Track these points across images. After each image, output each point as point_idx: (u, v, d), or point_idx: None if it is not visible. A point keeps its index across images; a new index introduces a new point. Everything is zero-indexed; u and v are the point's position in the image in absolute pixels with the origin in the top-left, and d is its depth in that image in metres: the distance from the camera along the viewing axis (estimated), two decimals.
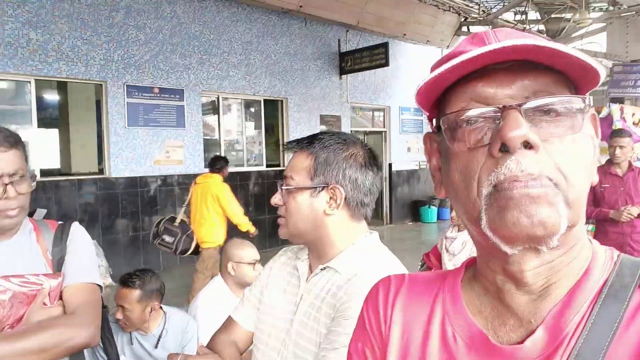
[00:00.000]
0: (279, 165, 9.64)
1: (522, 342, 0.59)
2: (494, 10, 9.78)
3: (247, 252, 2.84)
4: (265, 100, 9.36)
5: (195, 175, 8.07)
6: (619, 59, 8.81)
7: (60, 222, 1.59)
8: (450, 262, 3.41)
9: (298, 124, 9.74)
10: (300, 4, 8.83)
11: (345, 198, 1.25)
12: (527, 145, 0.54)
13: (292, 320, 1.27)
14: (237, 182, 8.79)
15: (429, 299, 0.71)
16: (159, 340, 2.43)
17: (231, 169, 8.80)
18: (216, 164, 5.69)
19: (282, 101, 9.61)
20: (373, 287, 0.79)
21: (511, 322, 0.61)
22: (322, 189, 1.25)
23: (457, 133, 0.59)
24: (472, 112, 0.58)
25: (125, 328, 2.43)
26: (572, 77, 0.59)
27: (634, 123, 7.87)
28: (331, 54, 10.34)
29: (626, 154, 4.35)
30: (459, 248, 3.35)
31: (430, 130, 0.72)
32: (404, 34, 10.45)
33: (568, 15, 9.25)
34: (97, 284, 1.50)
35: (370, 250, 1.27)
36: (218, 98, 8.66)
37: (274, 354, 1.28)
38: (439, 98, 0.64)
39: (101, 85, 7.16)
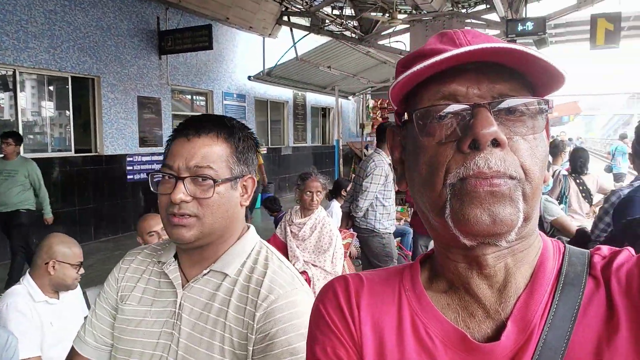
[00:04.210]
0: (90, 151, 8.69)
1: (493, 334, 0.62)
2: (315, 3, 10.17)
3: (75, 251, 2.48)
4: (73, 78, 8.31)
5: None
6: None
7: None
8: (299, 249, 3.47)
9: (113, 105, 8.89)
10: None
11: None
12: (495, 142, 0.57)
13: (172, 335, 1.11)
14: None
15: (391, 299, 0.69)
16: None
17: (32, 155, 7.68)
18: None
19: (93, 79, 8.64)
20: (327, 287, 0.74)
21: (480, 313, 0.63)
22: (238, 180, 1.15)
23: (427, 127, 0.61)
24: (445, 109, 0.60)
25: None
26: (535, 79, 0.62)
27: None
28: (149, 32, 9.63)
29: None
30: (309, 232, 3.42)
31: (394, 125, 0.73)
32: (227, 18, 10.24)
33: (379, 15, 10.11)
34: None
35: (257, 249, 1.19)
36: (14, 72, 7.41)
37: None
38: (406, 94, 0.65)
39: None
